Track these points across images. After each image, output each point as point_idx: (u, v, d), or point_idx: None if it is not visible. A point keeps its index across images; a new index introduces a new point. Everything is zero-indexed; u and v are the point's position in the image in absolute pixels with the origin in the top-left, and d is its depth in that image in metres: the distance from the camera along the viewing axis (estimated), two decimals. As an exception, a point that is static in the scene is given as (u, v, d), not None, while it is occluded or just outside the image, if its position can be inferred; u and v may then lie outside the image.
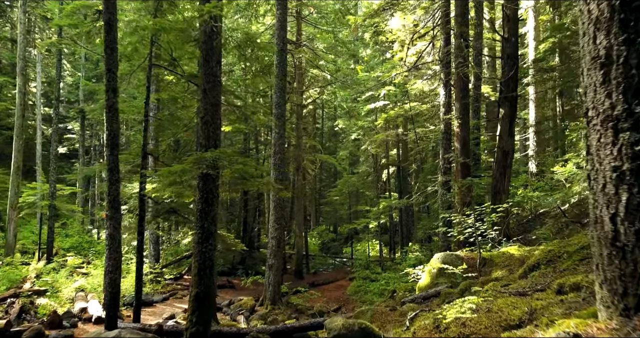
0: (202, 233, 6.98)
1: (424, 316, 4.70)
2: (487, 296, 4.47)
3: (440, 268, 8.68)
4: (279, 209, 14.62)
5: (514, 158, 13.26)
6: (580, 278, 3.43)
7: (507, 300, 3.74)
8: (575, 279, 3.46)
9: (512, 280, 5.89)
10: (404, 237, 27.30)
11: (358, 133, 26.98)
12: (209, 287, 6.88)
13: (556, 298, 3.35)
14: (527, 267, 5.85)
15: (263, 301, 14.59)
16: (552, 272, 5.19)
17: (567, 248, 5.57)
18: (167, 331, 8.30)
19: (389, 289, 16.09)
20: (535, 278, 5.04)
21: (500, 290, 4.77)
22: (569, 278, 3.60)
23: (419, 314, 4.83)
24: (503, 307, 3.54)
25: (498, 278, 7.00)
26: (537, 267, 5.66)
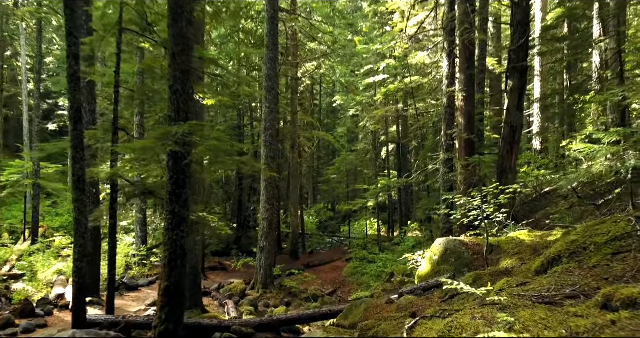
0: (173, 219, 6.13)
1: (424, 326, 3.87)
2: (503, 301, 3.64)
3: (442, 256, 7.87)
4: (271, 189, 13.77)
5: (521, 134, 12.33)
6: (638, 292, 2.59)
7: (534, 314, 2.91)
8: (630, 292, 2.62)
9: (528, 276, 5.06)
10: (403, 215, 26.60)
11: (356, 109, 25.93)
12: (181, 279, 6.06)
13: (604, 317, 2.52)
14: (546, 259, 5.01)
15: (254, 285, 13.91)
16: (577, 268, 4.36)
17: (594, 238, 4.73)
18: (139, 324, 7.54)
19: (386, 272, 15.39)
20: (559, 276, 4.21)
21: (517, 292, 3.94)
22: (618, 288, 2.77)
23: (419, 323, 4.00)
24: (529, 324, 2.71)
25: (508, 269, 6.17)
26: (559, 261, 4.82)
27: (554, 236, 7.20)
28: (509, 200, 7.98)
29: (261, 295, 13.41)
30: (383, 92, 20.09)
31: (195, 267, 10.81)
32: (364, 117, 25.16)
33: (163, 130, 5.75)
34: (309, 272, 18.22)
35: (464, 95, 11.87)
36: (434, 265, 7.97)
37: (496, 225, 8.60)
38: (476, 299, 5.05)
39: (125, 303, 11.69)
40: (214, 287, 13.84)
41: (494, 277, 5.98)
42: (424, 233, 19.64)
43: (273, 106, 13.77)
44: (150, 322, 7.66)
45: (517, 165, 16.89)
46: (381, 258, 17.35)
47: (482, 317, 3.15)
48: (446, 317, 3.96)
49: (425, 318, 4.05)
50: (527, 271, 5.70)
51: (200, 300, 10.98)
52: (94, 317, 7.79)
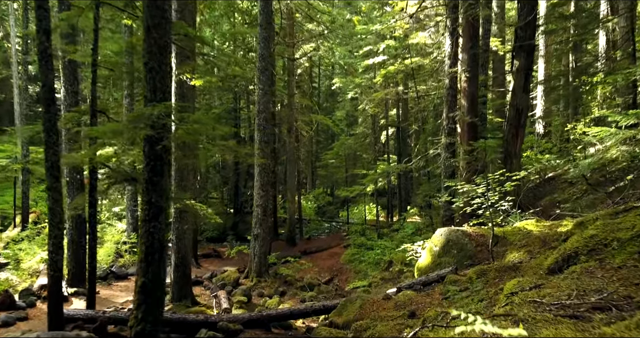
0: (149, 209, 5.60)
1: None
2: (517, 312, 3.13)
3: (443, 247, 7.37)
4: (265, 175, 13.23)
5: (527, 117, 11.74)
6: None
7: (559, 333, 2.40)
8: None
9: (540, 275, 4.54)
10: (402, 200, 26.12)
11: (355, 91, 25.23)
12: (159, 275, 5.56)
13: (652, 345, 2.01)
14: (560, 256, 4.49)
15: (248, 273, 13.48)
16: (599, 268, 3.84)
17: (616, 233, 4.20)
18: (120, 319, 7.08)
19: (385, 260, 14.96)
20: (579, 278, 3.69)
21: (532, 297, 3.42)
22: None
23: (419, 334, 3.49)
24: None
25: (516, 264, 5.66)
26: (575, 258, 4.30)
27: (565, 227, 6.69)
28: (514, 187, 7.45)
29: (255, 284, 12.98)
30: (383, 73, 19.39)
31: (185, 256, 10.33)
32: (363, 99, 24.49)
33: (135, 113, 5.18)
34: (306, 259, 17.79)
35: (467, 76, 11.24)
36: (435, 256, 7.48)
37: (501, 213, 8.09)
38: (482, 300, 4.55)
39: (112, 294, 11.26)
40: (206, 275, 13.40)
41: (501, 273, 5.48)
42: (424, 219, 19.16)
43: (267, 88, 13.13)
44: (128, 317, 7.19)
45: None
46: (379, 245, 16.90)
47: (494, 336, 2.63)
48: (449, 326, 3.45)
49: (426, 327, 3.53)
50: (537, 267, 5.18)
51: (190, 291, 10.54)
52: (73, 312, 7.34)
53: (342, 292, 13.44)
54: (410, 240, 15.50)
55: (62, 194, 7.30)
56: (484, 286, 5.37)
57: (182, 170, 10.11)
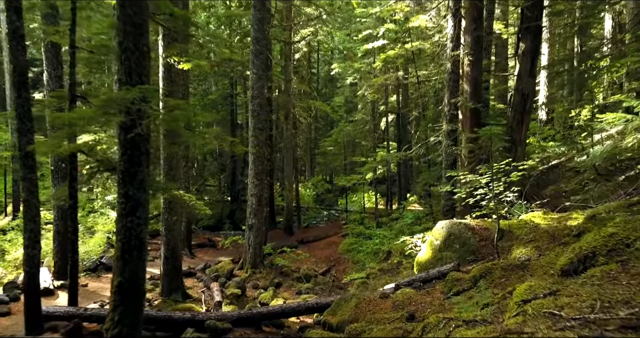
0: (126, 203, 5.15)
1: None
2: (530, 325, 2.70)
3: (445, 241, 6.95)
4: (259, 163, 12.76)
5: (533, 102, 11.24)
6: None
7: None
8: None
9: (553, 276, 4.11)
10: (402, 188, 25.70)
11: (354, 77, 24.63)
12: (137, 274, 5.13)
13: None
14: (576, 256, 4.04)
15: (243, 264, 13.10)
16: (622, 272, 3.40)
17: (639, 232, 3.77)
18: (102, 317, 6.67)
19: (383, 250, 14.57)
20: (600, 284, 3.26)
21: (548, 308, 2.99)
22: None
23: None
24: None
25: (524, 262, 5.23)
26: (593, 259, 3.86)
27: (575, 220, 6.25)
28: (521, 177, 6.99)
29: (250, 276, 12.61)
30: (382, 58, 18.79)
31: (175, 249, 9.92)
32: (362, 85, 23.91)
33: (106, 98, 4.70)
34: (303, 249, 17.44)
35: (471, 60, 10.70)
36: (435, 251, 7.06)
37: (505, 205, 7.64)
38: (488, 305, 4.12)
39: (101, 286, 10.88)
40: (199, 267, 13.02)
41: (507, 272, 5.06)
42: (424, 207, 18.76)
43: (261, 72, 12.59)
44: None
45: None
46: (378, 235, 16.51)
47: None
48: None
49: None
50: (548, 266, 4.75)
51: (181, 284, 10.15)
52: (52, 309, 6.94)
53: (339, 283, 13.09)
54: (410, 229, 15.13)
55: (37, 186, 6.86)
56: (489, 286, 4.95)
57: (170, 158, 9.64)
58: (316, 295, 11.98)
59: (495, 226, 6.84)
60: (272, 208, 21.06)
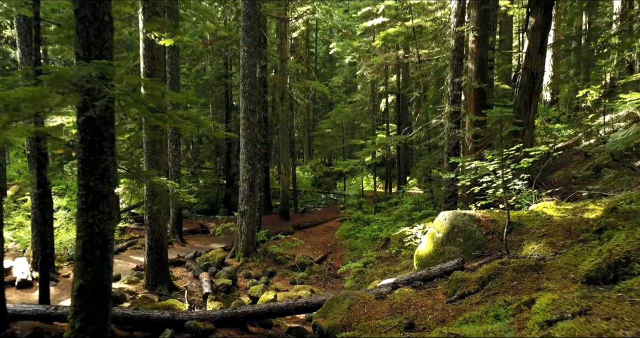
0: (87, 195, 4.53)
1: None
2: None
3: (448, 234, 6.35)
4: (251, 147, 12.10)
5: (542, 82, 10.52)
6: None
7: None
8: None
9: (578, 287, 3.51)
10: (401, 171, 25.08)
11: (353, 56, 23.75)
12: (101, 276, 4.54)
13: None
14: (605, 261, 3.44)
15: (235, 252, 12.56)
16: (669, 286, 2.81)
17: (684, 235, 3.17)
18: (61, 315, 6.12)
19: (381, 236, 14.04)
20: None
21: (582, 334, 2.40)
22: None
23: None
24: None
25: (539, 263, 4.63)
26: (627, 266, 3.26)
27: (592, 212, 5.64)
28: (532, 164, 6.35)
29: (242, 264, 12.09)
30: (382, 36, 17.94)
31: (159, 238, 9.35)
32: (361, 65, 23.05)
33: (56, 72, 4.02)
34: (299, 234, 16.92)
35: (476, 35, 9.95)
36: (437, 244, 6.47)
37: (513, 194, 7.03)
38: (500, 318, 3.53)
39: (84, 277, 10.33)
40: (189, 255, 12.47)
41: (520, 274, 4.46)
42: (424, 191, 18.17)
43: (253, 50, 11.83)
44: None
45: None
46: (376, 220, 15.97)
47: None
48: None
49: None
50: (567, 269, 4.16)
51: (167, 276, 9.61)
52: (20, 308, 6.37)
53: (335, 272, 12.59)
54: (409, 215, 14.57)
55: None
56: (499, 290, 4.36)
57: (153, 143, 8.99)
58: (311, 285, 11.49)
59: (503, 217, 6.24)
60: (267, 192, 20.48)
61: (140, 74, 8.92)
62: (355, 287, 10.74)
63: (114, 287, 9.23)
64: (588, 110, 18.28)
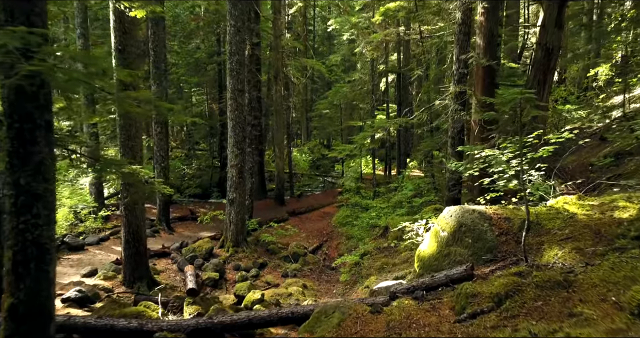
0: (18, 195, 3.71)
1: None
2: None
3: (454, 233, 5.55)
4: (240, 130, 11.23)
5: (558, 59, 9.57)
6: None
7: None
8: None
9: (629, 320, 2.73)
10: (401, 153, 24.23)
11: (352, 32, 22.61)
12: (38, 293, 3.75)
13: None
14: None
15: (224, 242, 11.83)
16: None
17: None
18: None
19: (380, 224, 13.28)
20: None
21: None
22: None
23: None
24: None
25: (567, 276, 3.83)
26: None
27: (624, 210, 4.83)
28: (552, 152, 5.50)
29: (231, 255, 11.36)
30: (382, 11, 16.83)
31: (137, 231, 8.57)
32: (360, 42, 21.94)
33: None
34: (294, 221, 16.17)
35: (486, 7, 8.97)
36: (442, 244, 5.67)
37: (528, 186, 6.20)
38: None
39: (59, 270, 9.54)
40: (175, 245, 11.72)
41: (546, 293, 3.67)
42: (425, 176, 17.35)
43: (240, 24, 10.85)
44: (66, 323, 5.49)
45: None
46: (375, 207, 15.19)
47: None
48: None
49: None
50: (604, 286, 3.38)
51: (146, 271, 8.87)
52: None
53: (331, 263, 11.87)
54: (409, 203, 13.78)
55: None
56: (520, 311, 3.58)
57: (128, 127, 8.13)
58: (304, 277, 10.78)
59: (518, 215, 5.44)
60: (262, 176, 19.67)
61: (112, 50, 8.00)
62: (351, 282, 10.03)
63: (89, 283, 8.52)
64: (599, 89, 17.34)
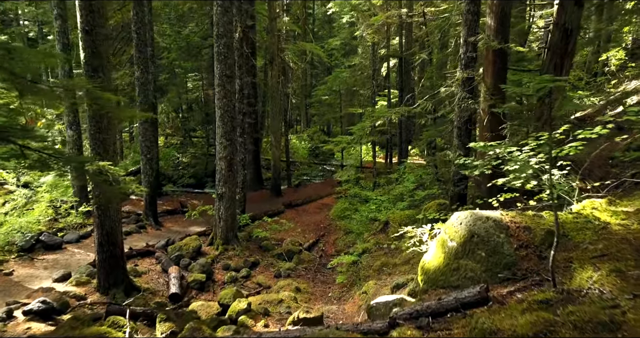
0: None
1: None
2: None
3: (464, 244, 4.76)
4: (229, 119, 10.39)
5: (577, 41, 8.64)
6: None
7: None
8: None
9: None
10: (402, 140, 23.34)
11: (351, 14, 21.59)
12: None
13: None
14: None
15: (213, 239, 11.09)
16: None
17: None
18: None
19: (380, 219, 12.50)
20: None
21: None
22: None
23: None
24: None
25: (611, 313, 3.04)
26: None
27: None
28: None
29: (220, 254, 10.64)
30: (383, -9, 15.89)
31: (112, 232, 7.80)
32: (360, 25, 20.92)
33: None
34: (291, 214, 15.44)
35: (498, -17, 8.05)
36: (450, 256, 4.88)
37: (550, 186, 5.38)
38: None
39: (31, 274, 8.86)
40: (160, 243, 10.97)
41: (585, 335, 2.88)
42: (427, 165, 16.52)
43: (228, 4, 9.93)
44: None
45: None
46: (375, 199, 14.39)
47: None
48: None
49: None
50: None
51: (123, 276, 8.12)
52: None
53: (327, 261, 11.13)
54: (411, 196, 12.96)
55: None
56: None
57: (99, 118, 7.30)
58: (298, 277, 10.06)
59: (539, 223, 4.64)
60: (257, 166, 18.87)
61: (78, 31, 7.14)
62: (348, 283, 9.30)
63: (59, 290, 7.78)
64: (611, 75, 16.41)
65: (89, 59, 7.14)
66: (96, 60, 7.17)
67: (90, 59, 7.14)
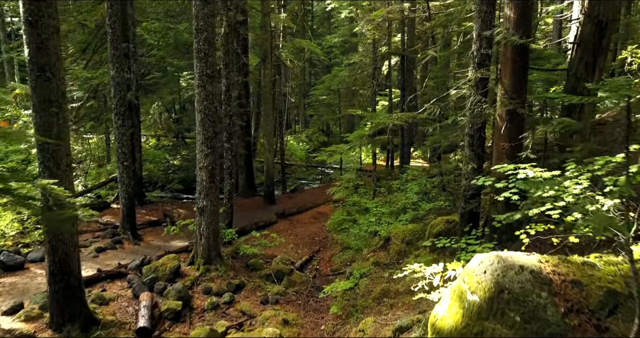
0: None
1: None
2: None
3: (491, 300, 3.59)
4: (210, 124, 9.22)
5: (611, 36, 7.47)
6: None
7: None
8: None
9: None
10: (404, 143, 22.16)
11: (350, 9, 20.41)
12: None
13: None
14: None
15: (194, 258, 9.93)
16: None
17: None
18: None
19: (381, 234, 11.33)
20: None
21: None
22: None
23: None
24: None
25: None
26: None
27: None
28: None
29: (202, 275, 9.48)
30: (384, -16, 14.71)
31: (66, 259, 6.65)
32: (360, 20, 19.72)
33: None
34: (284, 224, 14.30)
35: (520, -33, 6.87)
36: (471, 314, 3.72)
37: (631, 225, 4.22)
38: None
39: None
40: (134, 263, 9.77)
41: None
42: (432, 168, 15.35)
43: (209, -7, 8.76)
44: None
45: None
46: (375, 209, 13.19)
47: None
48: None
49: None
50: None
51: (81, 308, 6.96)
52: None
53: (322, 283, 9.98)
54: (415, 209, 11.78)
55: None
56: None
57: (48, 125, 6.15)
58: (288, 304, 8.91)
59: (593, 276, 3.48)
60: (249, 171, 17.71)
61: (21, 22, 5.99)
62: (343, 315, 8.13)
63: (4, 326, 6.62)
64: (632, 74, 15.22)
65: (34, 55, 6.00)
66: (43, 58, 6.03)
67: (36, 55, 6.01)
